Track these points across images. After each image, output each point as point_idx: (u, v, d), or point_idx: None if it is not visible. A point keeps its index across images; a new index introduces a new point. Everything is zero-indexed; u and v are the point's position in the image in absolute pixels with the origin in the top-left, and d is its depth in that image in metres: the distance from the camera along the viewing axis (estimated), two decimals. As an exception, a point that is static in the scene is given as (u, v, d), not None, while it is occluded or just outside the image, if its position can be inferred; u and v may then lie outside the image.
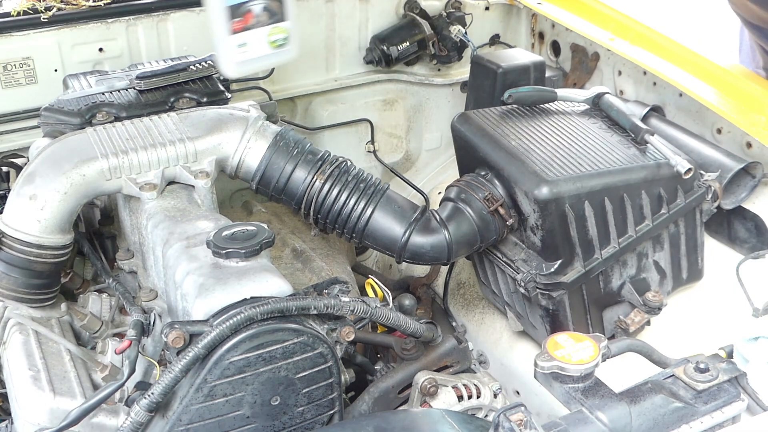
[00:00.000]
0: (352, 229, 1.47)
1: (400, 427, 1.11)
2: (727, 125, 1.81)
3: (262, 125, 1.49)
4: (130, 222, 1.46)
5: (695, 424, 0.99)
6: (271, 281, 1.17)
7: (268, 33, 1.40)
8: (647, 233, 1.57)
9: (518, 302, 1.64)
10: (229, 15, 1.36)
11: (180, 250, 1.25)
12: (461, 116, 1.61)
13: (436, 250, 1.46)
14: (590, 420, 0.96)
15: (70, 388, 1.22)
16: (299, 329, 1.13)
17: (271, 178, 1.46)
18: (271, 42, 1.40)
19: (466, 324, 1.86)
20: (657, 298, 1.57)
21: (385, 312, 1.28)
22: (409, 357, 1.37)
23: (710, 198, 1.64)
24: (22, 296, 1.34)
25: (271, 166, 1.45)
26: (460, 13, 2.23)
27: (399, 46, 2.18)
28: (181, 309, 1.20)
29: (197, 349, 1.07)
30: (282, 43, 1.42)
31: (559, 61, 2.28)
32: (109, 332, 1.40)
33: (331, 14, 2.14)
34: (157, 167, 1.40)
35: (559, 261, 1.49)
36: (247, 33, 1.38)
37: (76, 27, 1.84)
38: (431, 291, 1.98)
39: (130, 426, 1.08)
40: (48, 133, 1.52)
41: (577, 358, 1.00)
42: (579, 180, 1.45)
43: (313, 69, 2.19)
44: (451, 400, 1.34)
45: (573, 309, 1.54)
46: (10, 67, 1.81)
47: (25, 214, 1.32)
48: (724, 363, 1.06)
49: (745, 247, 1.74)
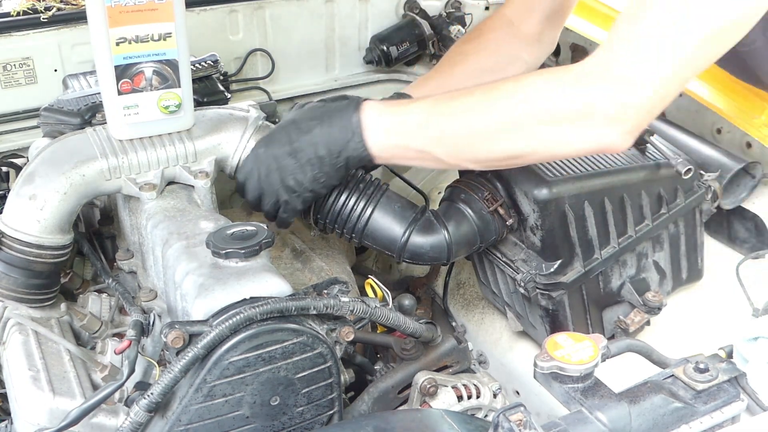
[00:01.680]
0: (351, 229, 1.47)
1: (400, 427, 1.11)
2: (727, 125, 1.81)
3: (262, 125, 1.49)
4: (129, 222, 1.46)
5: (695, 424, 0.99)
6: (270, 281, 1.17)
7: (158, 98, 1.38)
8: (647, 233, 1.57)
9: (518, 302, 1.64)
10: (117, 75, 1.35)
11: (180, 250, 1.25)
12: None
13: (435, 250, 1.46)
14: (590, 420, 0.96)
15: (69, 389, 1.22)
16: (299, 329, 1.13)
17: None
18: (162, 107, 1.39)
19: (465, 324, 1.86)
20: (657, 298, 1.57)
21: (385, 312, 1.28)
22: (409, 357, 1.37)
23: (710, 198, 1.64)
24: (21, 296, 1.34)
25: None
26: (460, 13, 2.23)
27: (399, 46, 2.18)
28: (181, 309, 1.20)
29: (197, 349, 1.07)
30: (174, 110, 1.40)
31: (559, 61, 2.28)
32: (109, 332, 1.40)
33: (331, 14, 2.14)
34: (156, 167, 1.40)
35: (559, 261, 1.49)
36: (136, 95, 1.37)
37: (76, 27, 1.84)
38: (431, 291, 1.98)
39: (129, 426, 1.08)
40: (48, 133, 1.52)
41: (577, 358, 1.00)
42: (579, 180, 1.45)
43: (313, 69, 2.19)
44: (450, 400, 1.34)
45: (573, 309, 1.54)
46: (9, 67, 1.81)
47: (24, 214, 1.32)
48: (723, 363, 1.06)
49: (745, 247, 1.75)
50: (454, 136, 1.31)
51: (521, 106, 1.24)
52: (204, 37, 1.96)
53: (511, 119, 1.25)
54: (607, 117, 1.19)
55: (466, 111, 1.29)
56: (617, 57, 1.18)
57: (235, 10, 2.02)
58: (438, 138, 1.32)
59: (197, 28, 1.94)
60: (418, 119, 1.33)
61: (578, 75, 1.22)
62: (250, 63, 2.08)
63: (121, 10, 1.31)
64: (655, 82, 1.17)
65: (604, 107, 1.19)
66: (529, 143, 1.25)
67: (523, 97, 1.24)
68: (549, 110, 1.22)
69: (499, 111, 1.26)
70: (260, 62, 2.10)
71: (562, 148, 1.26)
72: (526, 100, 1.24)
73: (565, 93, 1.21)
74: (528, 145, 1.26)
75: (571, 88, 1.21)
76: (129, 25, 1.32)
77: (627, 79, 1.17)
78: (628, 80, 1.17)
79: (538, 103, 1.23)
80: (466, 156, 1.33)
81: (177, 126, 1.43)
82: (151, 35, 1.34)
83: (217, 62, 1.75)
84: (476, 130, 1.28)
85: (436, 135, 1.32)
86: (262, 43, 2.08)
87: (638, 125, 1.21)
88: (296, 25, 2.11)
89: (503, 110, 1.25)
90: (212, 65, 1.72)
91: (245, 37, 2.06)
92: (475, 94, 1.30)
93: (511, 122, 1.25)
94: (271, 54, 2.09)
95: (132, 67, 1.36)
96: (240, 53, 2.06)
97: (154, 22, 1.34)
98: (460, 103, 1.30)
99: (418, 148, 1.34)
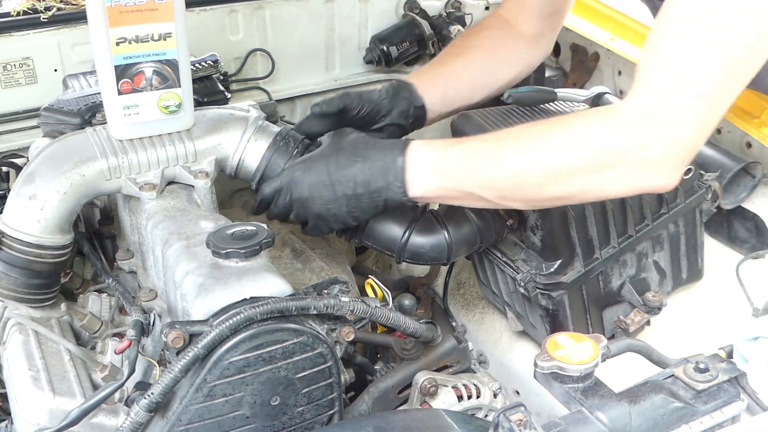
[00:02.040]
0: (352, 229, 1.46)
1: (400, 427, 1.11)
2: (727, 125, 1.81)
3: (262, 125, 1.49)
4: (129, 222, 1.46)
5: (695, 424, 0.99)
6: (270, 281, 1.17)
7: (158, 98, 1.38)
8: (647, 233, 1.57)
9: (518, 302, 1.64)
10: (117, 75, 1.34)
11: (180, 250, 1.25)
12: (461, 116, 1.61)
13: (435, 250, 1.46)
14: (590, 420, 0.96)
15: (69, 388, 1.22)
16: (299, 329, 1.13)
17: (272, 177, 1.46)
18: (162, 107, 1.39)
19: (466, 324, 1.86)
20: (657, 298, 1.57)
21: (385, 312, 1.28)
22: (409, 357, 1.37)
23: (710, 198, 1.64)
24: (21, 296, 1.34)
25: (271, 166, 1.45)
26: (460, 13, 2.23)
27: (399, 46, 2.18)
28: (181, 309, 1.20)
29: (197, 349, 1.07)
30: (174, 110, 1.40)
31: (559, 61, 2.28)
32: (109, 332, 1.40)
33: (331, 14, 2.14)
34: (156, 167, 1.40)
35: (559, 261, 1.49)
36: (137, 95, 1.37)
37: (76, 27, 1.84)
38: (431, 291, 1.98)
39: (129, 426, 1.08)
40: (48, 133, 1.52)
41: (577, 358, 1.00)
42: (579, 180, 1.45)
43: (313, 69, 2.19)
44: (450, 400, 1.34)
45: (573, 309, 1.54)
46: (9, 67, 1.81)
47: (24, 214, 1.32)
48: (723, 363, 1.06)
49: (745, 247, 1.75)
50: (502, 182, 1.31)
51: (569, 155, 1.25)
52: (204, 37, 1.96)
53: (559, 168, 1.25)
54: (653, 159, 1.20)
55: (514, 156, 1.29)
56: (653, 98, 1.20)
57: (235, 10, 2.02)
58: (486, 183, 1.32)
59: (197, 28, 1.94)
60: (466, 164, 1.33)
61: (621, 118, 1.23)
62: (250, 63, 2.08)
63: (121, 10, 1.31)
64: (693, 118, 1.18)
65: (648, 150, 1.20)
66: (578, 188, 1.26)
67: (569, 145, 1.25)
68: (596, 157, 1.23)
69: (548, 159, 1.26)
70: (260, 62, 2.10)
71: (610, 190, 1.27)
72: (573, 148, 1.25)
73: (611, 138, 1.22)
74: (578, 190, 1.27)
75: (616, 132, 1.22)
76: (129, 25, 1.32)
77: (666, 120, 1.18)
78: (667, 121, 1.19)
79: (585, 150, 1.24)
80: (515, 198, 1.33)
81: (177, 126, 1.43)
82: (151, 35, 1.34)
83: (217, 62, 1.75)
84: (525, 177, 1.28)
85: (484, 180, 1.31)
86: (262, 43, 2.08)
87: (683, 162, 1.22)
88: (296, 25, 2.11)
89: (551, 159, 1.26)
90: (212, 65, 1.72)
91: (245, 37, 2.06)
92: (522, 139, 1.30)
93: (560, 170, 1.26)
94: (271, 54, 2.09)
95: (132, 67, 1.35)
96: (240, 53, 2.06)
97: (154, 22, 1.34)
98: (507, 149, 1.30)
99: (465, 191, 1.34)
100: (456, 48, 1.77)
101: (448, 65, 1.70)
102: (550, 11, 1.72)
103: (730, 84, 1.18)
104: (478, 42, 1.74)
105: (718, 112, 1.21)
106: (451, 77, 1.68)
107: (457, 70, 1.68)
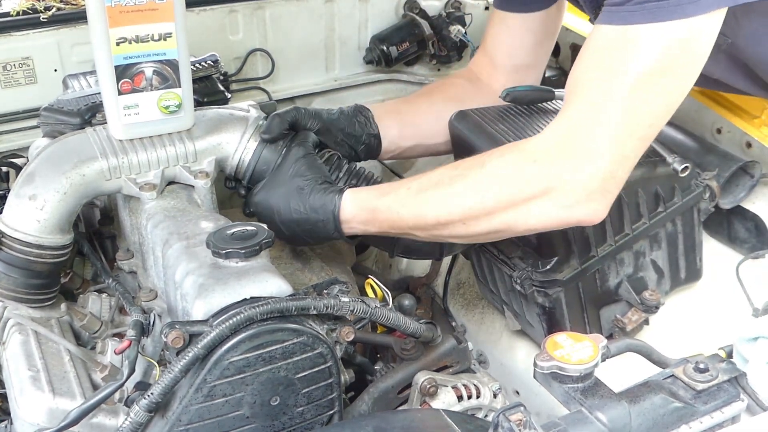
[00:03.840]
0: None
1: (400, 427, 1.11)
2: (727, 125, 1.81)
3: (262, 125, 1.49)
4: (129, 222, 1.46)
5: (695, 424, 0.99)
6: (270, 281, 1.17)
7: (158, 98, 1.39)
8: (644, 231, 1.57)
9: (515, 300, 1.64)
10: (117, 75, 1.35)
11: (180, 250, 1.25)
12: (459, 114, 1.61)
13: (428, 244, 1.47)
14: (590, 420, 0.96)
15: (69, 389, 1.22)
16: (299, 329, 1.13)
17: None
18: (162, 107, 1.39)
19: (465, 324, 1.87)
20: (654, 296, 1.58)
21: (385, 312, 1.28)
22: (409, 357, 1.37)
23: (708, 197, 1.64)
24: (21, 296, 1.34)
25: (261, 164, 1.46)
26: (459, 13, 2.23)
27: (399, 46, 2.18)
28: (181, 309, 1.20)
29: (197, 349, 1.07)
30: (174, 110, 1.40)
31: (559, 60, 2.28)
32: (109, 332, 1.40)
33: (331, 14, 2.14)
34: (156, 167, 1.40)
35: (555, 258, 1.49)
36: (137, 95, 1.37)
37: (76, 27, 1.85)
38: (431, 291, 1.98)
39: (129, 426, 1.08)
40: (47, 133, 1.52)
41: (577, 358, 1.00)
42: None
43: (313, 69, 2.19)
44: (450, 400, 1.34)
45: (570, 307, 1.54)
46: (9, 67, 1.81)
47: (24, 214, 1.32)
48: (723, 363, 1.06)
49: (745, 247, 1.74)
50: (431, 223, 1.35)
51: (485, 195, 1.29)
52: (204, 37, 1.96)
53: (478, 207, 1.30)
54: (569, 192, 1.23)
55: (437, 200, 1.34)
56: (562, 133, 1.24)
57: (235, 10, 2.02)
58: (416, 225, 1.37)
59: (197, 28, 1.94)
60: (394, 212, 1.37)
61: (533, 154, 1.27)
62: (250, 63, 2.08)
63: (121, 10, 1.31)
64: (603, 152, 1.21)
65: (562, 184, 1.23)
66: (502, 223, 1.30)
67: (484, 185, 1.29)
68: (511, 194, 1.27)
69: (466, 201, 1.31)
70: (260, 62, 2.11)
71: (534, 224, 1.29)
72: (487, 188, 1.29)
73: (523, 175, 1.26)
74: (502, 225, 1.30)
75: (528, 168, 1.26)
76: (129, 25, 1.32)
77: (576, 154, 1.22)
78: (577, 155, 1.22)
79: (499, 188, 1.28)
80: (445, 236, 1.39)
81: (177, 126, 1.43)
82: (151, 35, 1.35)
83: (217, 62, 1.75)
84: (448, 218, 1.33)
85: (415, 223, 1.37)
86: (262, 43, 2.09)
87: (604, 194, 1.24)
88: (296, 25, 2.11)
89: (469, 200, 1.30)
90: (212, 65, 1.72)
91: (245, 37, 2.06)
92: (443, 184, 1.34)
93: (479, 210, 1.30)
94: (271, 54, 2.09)
95: (132, 67, 1.36)
96: (240, 53, 2.06)
97: (154, 22, 1.34)
98: (429, 194, 1.35)
99: (400, 232, 1.41)
100: (421, 92, 1.83)
101: (410, 104, 1.76)
102: (521, 65, 1.73)
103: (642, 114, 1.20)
104: (444, 89, 1.78)
105: (635, 144, 1.22)
106: (410, 115, 1.71)
107: (418, 110, 1.72)
